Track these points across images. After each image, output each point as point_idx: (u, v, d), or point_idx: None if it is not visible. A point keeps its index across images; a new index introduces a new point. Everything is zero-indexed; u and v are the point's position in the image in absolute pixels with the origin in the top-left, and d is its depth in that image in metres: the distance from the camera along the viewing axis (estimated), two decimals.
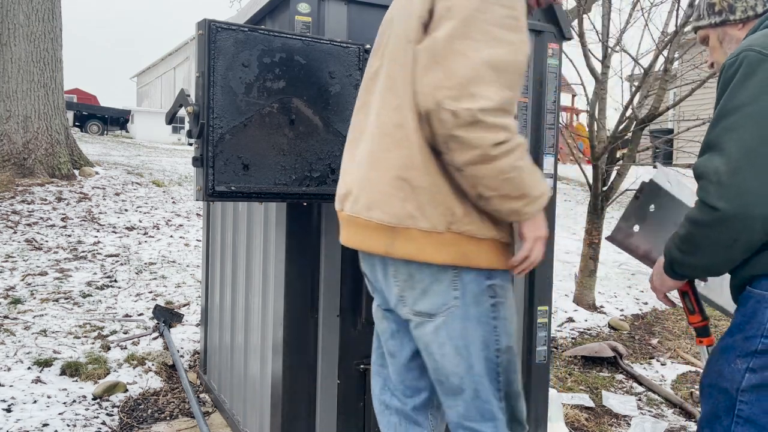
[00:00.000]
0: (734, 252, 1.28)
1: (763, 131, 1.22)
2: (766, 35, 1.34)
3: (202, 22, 1.84)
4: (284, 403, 2.18)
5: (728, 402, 1.33)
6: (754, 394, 1.29)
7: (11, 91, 7.53)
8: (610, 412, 3.38)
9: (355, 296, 2.26)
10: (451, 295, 1.45)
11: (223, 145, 1.85)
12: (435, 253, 1.40)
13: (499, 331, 1.50)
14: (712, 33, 1.60)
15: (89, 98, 35.34)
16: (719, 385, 1.36)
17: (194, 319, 4.21)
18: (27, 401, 2.96)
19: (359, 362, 2.28)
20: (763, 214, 1.21)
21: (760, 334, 1.28)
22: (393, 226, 1.41)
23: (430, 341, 1.50)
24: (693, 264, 1.37)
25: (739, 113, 1.25)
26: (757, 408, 1.29)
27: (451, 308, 1.45)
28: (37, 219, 6.19)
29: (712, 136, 1.28)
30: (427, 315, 1.48)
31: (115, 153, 12.49)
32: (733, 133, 1.24)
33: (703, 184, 1.27)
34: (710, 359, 1.43)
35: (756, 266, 1.29)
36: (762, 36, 1.34)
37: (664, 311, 5.64)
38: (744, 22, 1.53)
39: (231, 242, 2.88)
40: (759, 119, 1.22)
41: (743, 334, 1.32)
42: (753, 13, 1.52)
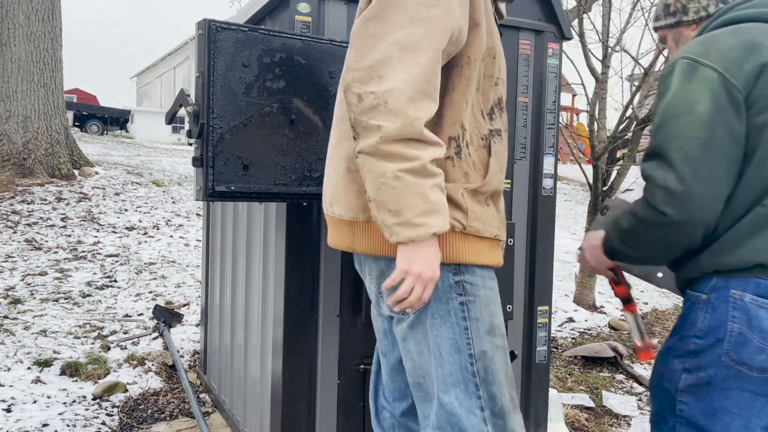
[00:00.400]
0: (673, 251, 1.34)
1: (702, 140, 1.25)
2: (701, 42, 1.35)
3: (202, 21, 1.84)
4: (284, 403, 2.17)
5: (670, 402, 1.36)
6: (692, 394, 1.32)
7: (11, 91, 7.53)
8: (610, 412, 3.38)
9: (355, 296, 2.26)
10: None
11: (223, 145, 1.85)
12: (394, 246, 1.28)
13: (470, 334, 1.35)
14: (668, 34, 1.61)
15: (89, 98, 35.35)
16: (662, 385, 1.40)
17: (194, 319, 4.21)
18: (27, 401, 2.95)
19: (359, 362, 2.27)
20: (705, 220, 1.27)
21: (692, 334, 1.32)
22: (350, 220, 1.37)
23: (403, 339, 1.42)
24: (631, 255, 1.41)
25: (680, 121, 1.28)
26: (695, 409, 1.32)
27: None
28: (36, 219, 6.18)
29: (657, 142, 1.31)
30: (402, 312, 1.39)
31: (114, 153, 12.49)
32: (677, 141, 1.27)
33: (651, 188, 1.30)
34: (656, 361, 1.46)
35: (692, 269, 1.34)
36: (697, 43, 1.36)
37: (664, 311, 5.64)
38: (697, 23, 1.53)
39: (231, 242, 2.87)
40: (698, 127, 1.26)
41: (679, 335, 1.37)
42: (705, 14, 1.51)
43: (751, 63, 1.27)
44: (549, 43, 2.54)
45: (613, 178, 5.26)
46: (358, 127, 1.23)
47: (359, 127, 1.23)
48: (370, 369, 2.23)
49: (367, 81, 1.21)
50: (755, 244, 1.27)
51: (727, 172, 1.27)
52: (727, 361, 1.27)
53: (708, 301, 1.31)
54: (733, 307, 1.27)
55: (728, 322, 1.27)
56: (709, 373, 1.29)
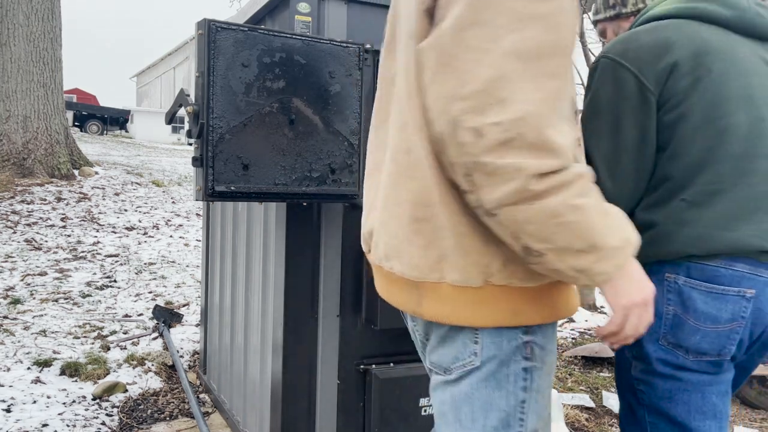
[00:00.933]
0: None
1: (615, 140, 1.32)
2: (622, 40, 1.37)
3: (201, 21, 1.83)
4: (284, 403, 2.17)
5: (632, 391, 1.40)
6: (645, 382, 1.35)
7: (11, 91, 7.52)
8: (610, 413, 3.38)
9: (355, 296, 2.26)
10: (469, 350, 1.08)
11: (222, 145, 1.85)
12: (474, 314, 1.04)
13: (526, 408, 1.09)
14: (608, 26, 1.61)
15: (89, 98, 35.35)
16: (622, 375, 1.43)
17: (194, 320, 4.21)
18: (27, 401, 2.95)
19: (359, 362, 2.27)
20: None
21: None
22: (416, 281, 1.08)
23: (435, 402, 1.16)
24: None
25: (600, 120, 1.34)
26: (653, 396, 1.35)
27: (466, 366, 1.08)
28: (36, 219, 6.18)
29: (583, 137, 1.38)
30: (441, 369, 1.13)
31: (114, 153, 12.48)
32: (594, 140, 1.35)
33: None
34: (615, 357, 1.49)
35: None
36: (619, 41, 1.37)
37: None
38: (634, 15, 1.53)
39: (231, 242, 2.87)
40: (611, 127, 1.33)
41: None
42: (642, 5, 1.52)
43: (664, 62, 1.30)
44: None
45: None
46: (478, 172, 0.92)
47: (481, 173, 0.92)
48: (370, 369, 2.24)
49: (486, 110, 0.90)
50: (681, 238, 1.29)
51: (638, 171, 1.33)
52: (665, 345, 1.31)
53: None
54: (667, 290, 1.31)
55: (664, 305, 1.31)
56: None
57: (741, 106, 1.30)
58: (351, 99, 2.05)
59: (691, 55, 1.30)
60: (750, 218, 1.28)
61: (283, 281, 2.15)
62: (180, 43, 34.95)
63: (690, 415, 1.32)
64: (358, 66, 2.06)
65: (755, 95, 1.31)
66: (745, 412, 3.55)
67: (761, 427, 3.34)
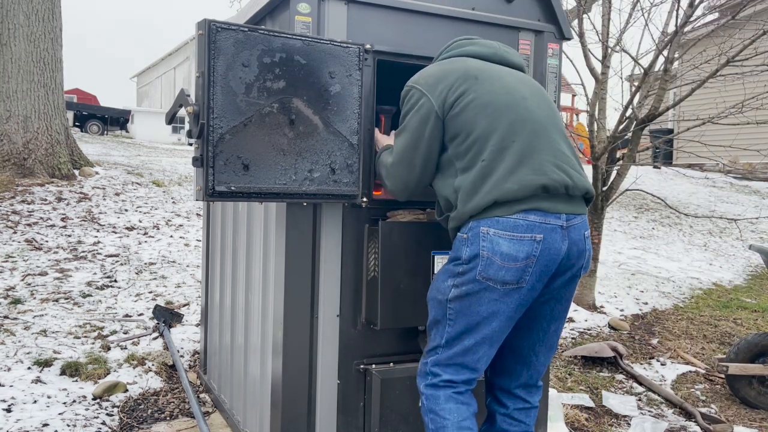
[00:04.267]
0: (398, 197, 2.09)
1: (407, 141, 1.95)
2: (419, 72, 2.01)
3: (202, 22, 1.84)
4: (284, 403, 2.18)
5: (443, 310, 1.90)
6: (457, 302, 1.87)
7: (11, 91, 7.52)
8: (610, 412, 3.38)
9: (355, 296, 2.26)
10: None
11: (223, 145, 1.85)
12: None
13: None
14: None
15: (89, 98, 35.34)
16: (437, 298, 1.92)
17: (194, 319, 4.21)
18: (27, 401, 2.96)
19: (359, 362, 2.28)
20: (405, 188, 2.01)
21: (460, 262, 1.85)
22: None
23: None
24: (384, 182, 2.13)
25: (406, 131, 1.96)
26: (459, 312, 1.87)
27: None
28: (37, 219, 6.18)
29: (394, 142, 2.03)
30: None
31: (115, 153, 12.49)
32: (399, 143, 1.98)
33: (380, 169, 2.11)
34: (434, 279, 2.00)
35: (455, 220, 1.89)
36: (417, 74, 2.01)
37: (664, 311, 5.64)
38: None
39: (231, 242, 2.88)
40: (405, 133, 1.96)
41: (451, 263, 1.90)
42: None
43: (443, 84, 1.92)
44: (549, 43, 2.54)
45: (613, 178, 5.26)
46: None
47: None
48: (370, 369, 2.24)
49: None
50: (485, 188, 1.81)
51: (425, 162, 1.94)
52: (480, 278, 1.81)
53: (467, 239, 1.83)
54: (482, 239, 1.80)
55: (480, 251, 1.80)
56: (469, 287, 1.83)
57: (503, 93, 1.91)
58: (351, 99, 2.05)
59: (463, 74, 1.93)
60: (528, 163, 1.82)
61: (284, 281, 2.15)
62: (180, 44, 34.93)
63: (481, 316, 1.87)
64: (358, 66, 2.06)
65: (511, 86, 1.94)
66: (745, 412, 3.55)
67: (761, 427, 3.34)
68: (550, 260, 1.81)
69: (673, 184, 13.85)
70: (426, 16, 2.32)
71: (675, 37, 4.84)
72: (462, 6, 2.38)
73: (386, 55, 2.25)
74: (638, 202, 11.22)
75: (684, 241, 9.02)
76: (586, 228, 1.93)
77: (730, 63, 4.73)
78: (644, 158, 12.24)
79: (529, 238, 1.78)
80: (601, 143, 5.14)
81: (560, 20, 2.56)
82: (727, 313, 5.69)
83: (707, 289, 6.61)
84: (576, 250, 1.86)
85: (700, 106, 6.94)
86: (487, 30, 2.42)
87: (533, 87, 2.02)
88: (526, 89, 1.97)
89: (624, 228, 9.35)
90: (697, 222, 10.07)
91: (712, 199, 12.58)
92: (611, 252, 7.68)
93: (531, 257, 1.78)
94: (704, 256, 8.31)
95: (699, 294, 6.38)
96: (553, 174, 1.82)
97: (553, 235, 1.80)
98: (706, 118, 4.94)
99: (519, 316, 1.89)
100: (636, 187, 5.63)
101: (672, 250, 8.42)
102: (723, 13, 6.06)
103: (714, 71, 4.71)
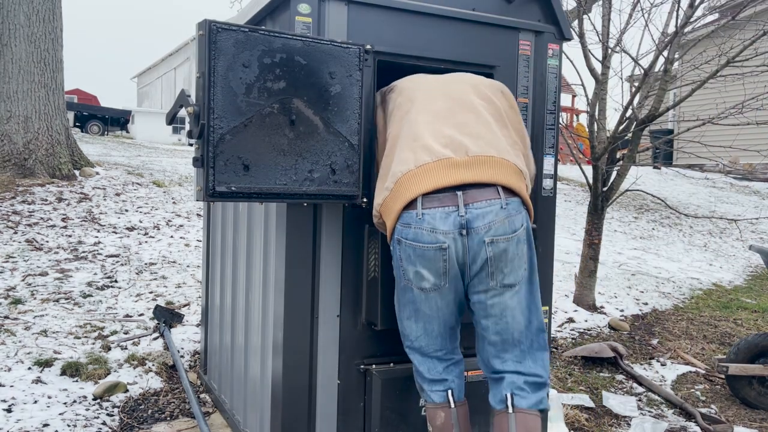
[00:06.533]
0: None
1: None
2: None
3: (202, 22, 1.84)
4: (284, 403, 2.18)
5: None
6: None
7: (12, 92, 7.52)
8: (610, 413, 3.38)
9: (355, 296, 2.27)
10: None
11: (223, 146, 1.85)
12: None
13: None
14: None
15: (90, 99, 35.35)
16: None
17: (194, 320, 4.21)
18: (27, 401, 2.96)
19: (359, 362, 2.28)
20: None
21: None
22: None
23: (508, 306, 2.04)
24: None
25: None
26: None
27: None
28: (37, 219, 6.19)
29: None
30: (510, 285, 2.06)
31: (115, 153, 12.49)
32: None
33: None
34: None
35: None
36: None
37: (664, 311, 5.64)
38: None
39: (231, 243, 2.88)
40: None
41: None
42: None
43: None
44: (549, 43, 2.55)
45: (613, 178, 5.26)
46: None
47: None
48: (370, 369, 2.24)
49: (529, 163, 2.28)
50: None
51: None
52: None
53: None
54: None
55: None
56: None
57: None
58: (351, 99, 2.05)
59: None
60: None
61: (284, 281, 2.16)
62: (181, 44, 34.93)
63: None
64: (359, 66, 2.06)
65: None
66: (745, 412, 3.55)
67: (761, 427, 3.34)
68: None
69: (673, 185, 13.86)
70: (426, 16, 2.32)
71: (675, 38, 4.84)
72: (462, 6, 2.39)
73: (386, 56, 2.26)
74: (638, 203, 11.22)
75: (684, 242, 9.02)
76: None
77: (730, 63, 4.73)
78: (644, 159, 12.23)
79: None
80: (601, 144, 5.14)
81: (560, 21, 2.56)
82: (727, 313, 5.69)
83: (707, 290, 6.61)
84: None
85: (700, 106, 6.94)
86: (487, 30, 2.42)
87: None
88: None
89: (624, 228, 9.36)
90: (697, 222, 10.07)
91: (712, 199, 12.58)
92: (611, 252, 7.68)
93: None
94: (704, 257, 8.31)
95: (699, 294, 6.38)
96: None
97: None
98: (706, 119, 4.94)
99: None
100: (636, 188, 5.63)
101: (672, 251, 8.42)
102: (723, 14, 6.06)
103: (714, 72, 4.71)
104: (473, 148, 1.96)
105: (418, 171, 1.93)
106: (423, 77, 2.20)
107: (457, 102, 2.08)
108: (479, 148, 1.97)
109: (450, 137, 1.98)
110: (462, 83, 2.16)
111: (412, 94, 2.12)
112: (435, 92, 2.12)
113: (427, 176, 1.91)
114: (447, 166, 1.92)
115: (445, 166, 1.92)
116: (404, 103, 2.12)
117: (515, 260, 1.91)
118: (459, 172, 1.91)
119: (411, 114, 2.07)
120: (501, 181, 1.93)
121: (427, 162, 1.93)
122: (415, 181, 1.92)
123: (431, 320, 1.99)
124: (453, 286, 1.93)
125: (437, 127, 2.01)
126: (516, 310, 1.93)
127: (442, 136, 1.99)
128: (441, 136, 1.99)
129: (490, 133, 2.02)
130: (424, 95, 2.11)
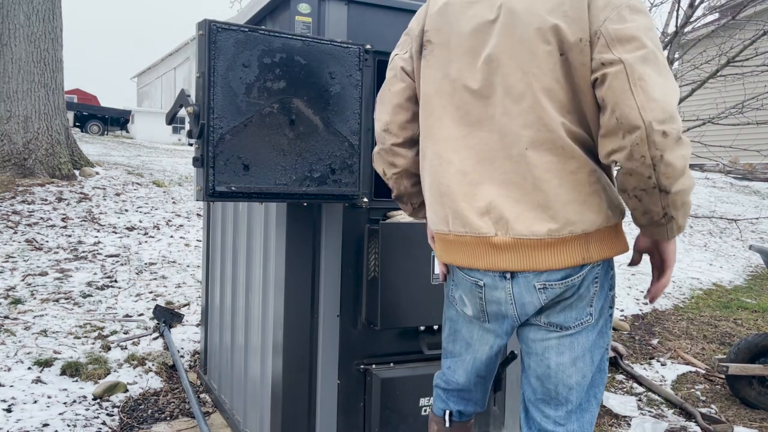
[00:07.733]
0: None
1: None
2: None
3: (202, 22, 1.84)
4: (284, 403, 2.18)
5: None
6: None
7: (12, 92, 7.53)
8: (610, 413, 3.38)
9: (355, 296, 2.26)
10: (586, 311, 1.62)
11: (223, 146, 1.85)
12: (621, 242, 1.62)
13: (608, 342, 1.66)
14: None
15: (90, 98, 35.37)
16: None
17: (194, 320, 4.21)
18: (27, 401, 2.96)
19: (359, 362, 2.28)
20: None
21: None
22: (591, 232, 1.52)
23: (552, 352, 1.67)
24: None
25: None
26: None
27: (584, 323, 1.60)
28: (37, 219, 6.19)
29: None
30: (560, 327, 1.64)
31: (115, 153, 12.49)
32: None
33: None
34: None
35: None
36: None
37: (665, 311, 5.64)
38: None
39: (231, 242, 2.88)
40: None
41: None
42: None
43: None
44: None
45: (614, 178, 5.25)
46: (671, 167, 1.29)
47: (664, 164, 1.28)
48: (370, 369, 2.24)
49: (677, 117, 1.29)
50: None
51: None
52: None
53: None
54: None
55: None
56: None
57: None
58: (351, 99, 2.05)
59: None
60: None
61: (284, 281, 2.16)
62: (181, 44, 34.93)
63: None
64: (359, 66, 2.06)
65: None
66: (745, 412, 3.55)
67: (761, 427, 3.34)
68: None
69: None
70: None
71: (675, 38, 4.84)
72: None
73: (386, 56, 2.25)
74: None
75: (684, 242, 9.02)
76: None
77: (730, 63, 4.72)
78: None
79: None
80: None
81: None
82: (727, 313, 5.69)
83: (707, 290, 6.61)
84: None
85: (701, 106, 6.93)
86: None
87: None
88: None
89: (624, 228, 9.35)
90: (697, 222, 10.07)
91: (712, 199, 12.58)
92: None
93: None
94: (704, 257, 8.30)
95: (699, 294, 6.38)
96: None
97: None
98: (706, 119, 4.93)
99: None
100: None
101: None
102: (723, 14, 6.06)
103: (714, 71, 4.71)
104: (517, 227, 1.45)
105: (454, 241, 1.56)
106: (456, 23, 1.51)
107: (500, 133, 1.45)
108: (524, 223, 1.44)
109: (489, 203, 1.47)
110: (516, 57, 1.40)
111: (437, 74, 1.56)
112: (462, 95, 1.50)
113: (462, 251, 1.56)
114: (485, 247, 1.50)
115: (484, 247, 1.50)
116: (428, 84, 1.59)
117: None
118: (500, 259, 1.49)
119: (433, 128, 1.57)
120: (556, 266, 1.46)
121: (462, 234, 1.53)
122: (452, 250, 1.58)
123: (468, 348, 1.70)
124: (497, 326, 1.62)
125: (471, 179, 1.50)
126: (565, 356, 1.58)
127: (477, 198, 1.50)
128: (475, 198, 1.50)
129: (545, 183, 1.43)
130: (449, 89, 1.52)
